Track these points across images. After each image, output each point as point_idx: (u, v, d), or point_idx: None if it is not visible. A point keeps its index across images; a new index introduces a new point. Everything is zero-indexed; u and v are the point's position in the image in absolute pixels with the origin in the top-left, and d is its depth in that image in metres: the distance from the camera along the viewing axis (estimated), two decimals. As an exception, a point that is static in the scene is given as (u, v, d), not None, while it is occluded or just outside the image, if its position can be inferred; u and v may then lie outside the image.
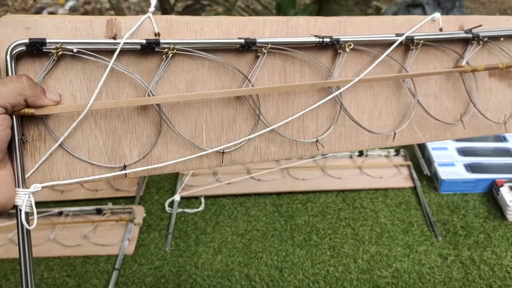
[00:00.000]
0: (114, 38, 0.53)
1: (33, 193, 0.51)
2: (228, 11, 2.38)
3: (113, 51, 0.52)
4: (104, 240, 1.18)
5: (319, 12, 2.28)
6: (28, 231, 0.53)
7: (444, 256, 1.09)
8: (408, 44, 0.66)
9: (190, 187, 1.33)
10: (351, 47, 0.62)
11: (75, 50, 0.51)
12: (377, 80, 0.66)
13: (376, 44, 0.65)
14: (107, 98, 0.55)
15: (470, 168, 1.29)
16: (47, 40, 0.50)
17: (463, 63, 0.69)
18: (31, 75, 0.50)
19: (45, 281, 1.10)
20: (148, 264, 1.12)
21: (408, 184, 1.32)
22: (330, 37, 0.61)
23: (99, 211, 1.25)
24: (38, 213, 1.32)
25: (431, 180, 1.32)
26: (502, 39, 0.72)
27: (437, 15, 0.67)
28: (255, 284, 1.06)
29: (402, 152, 1.42)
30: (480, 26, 0.69)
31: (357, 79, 0.61)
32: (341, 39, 0.61)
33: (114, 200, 1.32)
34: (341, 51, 0.62)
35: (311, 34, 0.61)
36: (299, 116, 0.63)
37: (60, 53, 0.51)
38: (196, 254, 1.14)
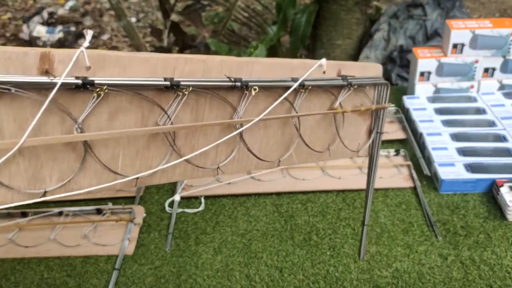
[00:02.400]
0: (47, 71, 0.53)
1: None
2: (228, 11, 2.38)
3: (47, 86, 0.52)
4: (104, 240, 1.18)
5: (319, 12, 2.28)
6: None
7: (444, 256, 1.09)
8: (299, 88, 0.77)
9: (190, 187, 1.33)
10: (256, 91, 0.71)
11: (13, 91, 0.51)
12: (272, 119, 0.76)
13: (276, 87, 0.74)
14: (33, 129, 0.54)
15: (470, 168, 1.29)
16: None
17: (337, 104, 0.84)
18: None
19: (45, 281, 1.10)
20: (148, 264, 1.12)
21: (408, 184, 1.32)
22: (241, 80, 0.69)
23: (99, 211, 1.25)
24: (38, 213, 1.33)
25: (431, 180, 1.32)
26: (367, 87, 0.89)
27: (323, 61, 0.79)
28: (255, 284, 1.06)
29: (402, 152, 1.42)
30: (353, 76, 0.84)
31: (257, 119, 0.71)
32: (249, 83, 0.70)
33: (114, 200, 1.32)
34: (247, 92, 0.71)
35: (225, 75, 0.68)
36: (201, 146, 0.70)
37: None
38: (196, 254, 1.14)
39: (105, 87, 0.56)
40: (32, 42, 3.79)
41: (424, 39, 2.18)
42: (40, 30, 3.79)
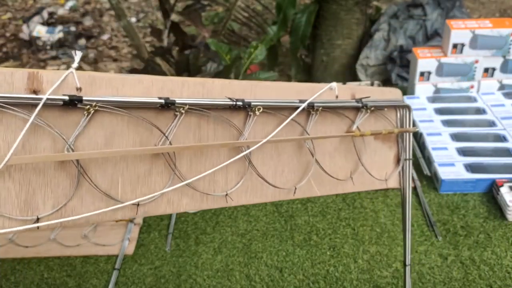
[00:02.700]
0: (35, 92, 0.52)
1: None
2: (228, 11, 2.38)
3: (34, 105, 0.52)
4: (104, 240, 1.19)
5: (319, 12, 2.28)
6: None
7: (444, 256, 1.09)
8: (309, 110, 0.73)
9: (190, 187, 1.33)
10: (260, 111, 0.67)
11: None
12: (282, 142, 0.73)
13: (282, 108, 0.71)
14: (24, 150, 0.53)
15: (470, 168, 1.29)
16: None
17: (354, 127, 0.79)
18: None
19: (45, 281, 1.10)
20: (148, 264, 1.12)
21: (408, 184, 1.31)
22: (243, 100, 0.66)
23: (99, 211, 1.25)
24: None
25: (431, 180, 1.32)
26: (385, 109, 0.83)
27: (333, 84, 0.75)
28: (255, 284, 1.06)
29: (402, 152, 1.42)
30: (368, 97, 0.78)
31: (265, 140, 0.66)
32: (252, 103, 0.66)
33: (114, 200, 1.32)
34: (252, 113, 0.68)
35: (226, 96, 0.65)
36: (208, 170, 0.65)
37: None
38: (196, 254, 1.14)
39: (94, 103, 0.55)
40: (32, 42, 3.80)
41: (424, 39, 2.18)
42: (40, 30, 3.80)
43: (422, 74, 1.63)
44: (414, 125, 0.86)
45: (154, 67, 1.80)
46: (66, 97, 0.53)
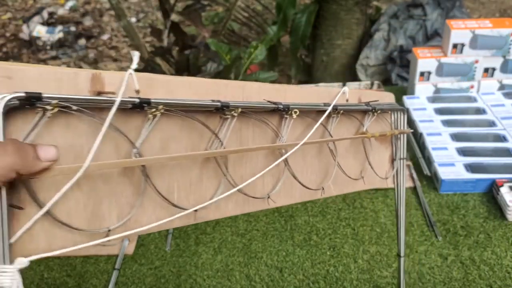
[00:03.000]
0: (99, 93, 0.50)
1: (19, 270, 0.43)
2: (228, 11, 2.38)
3: (101, 108, 0.49)
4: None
5: (319, 12, 2.28)
6: None
7: (444, 256, 1.09)
8: (331, 112, 0.76)
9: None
10: (297, 114, 0.70)
11: (74, 108, 0.47)
12: (314, 143, 0.76)
13: (311, 111, 0.74)
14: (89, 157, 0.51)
15: (470, 168, 1.29)
16: (44, 95, 0.45)
17: (364, 128, 0.84)
18: (18, 134, 0.44)
19: (45, 281, 1.10)
20: (148, 264, 1.12)
21: (408, 184, 1.32)
22: (281, 104, 0.67)
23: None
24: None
25: (431, 180, 1.32)
26: (389, 112, 0.91)
27: (346, 89, 0.79)
28: (255, 284, 1.06)
29: (402, 152, 1.42)
30: (377, 101, 0.84)
31: (302, 142, 0.68)
32: (290, 106, 0.69)
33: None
34: (288, 116, 0.70)
35: (264, 99, 0.66)
36: (249, 175, 0.66)
37: (56, 110, 0.46)
38: (196, 254, 1.14)
39: (160, 106, 0.53)
40: (32, 42, 3.80)
41: (424, 39, 2.18)
42: (40, 30, 3.80)
43: (422, 74, 1.64)
44: (408, 126, 0.94)
45: (154, 67, 1.80)
46: (137, 100, 0.51)
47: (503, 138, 1.40)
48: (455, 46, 1.59)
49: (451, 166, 1.30)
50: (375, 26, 2.29)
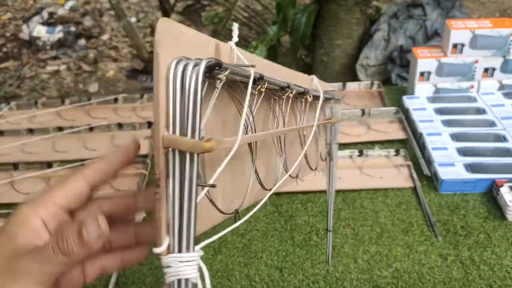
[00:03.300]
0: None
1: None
2: (228, 11, 2.38)
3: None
4: (104, 240, 1.18)
5: (319, 12, 2.28)
6: None
7: (444, 256, 1.09)
8: (307, 98, 0.77)
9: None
10: (311, 98, 0.73)
11: (238, 79, 0.44)
12: (308, 127, 0.77)
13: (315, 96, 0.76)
14: (231, 130, 0.48)
15: (470, 168, 1.29)
16: (223, 64, 0.40)
17: (327, 116, 0.90)
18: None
19: (45, 281, 1.10)
20: (148, 264, 1.12)
21: (408, 184, 1.32)
22: (308, 89, 0.70)
23: (99, 211, 1.25)
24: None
25: (431, 180, 1.32)
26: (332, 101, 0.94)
27: (314, 76, 0.81)
28: (255, 284, 1.06)
29: (402, 152, 1.42)
30: (334, 90, 0.88)
31: (319, 122, 0.73)
32: (309, 91, 0.71)
33: (114, 200, 1.32)
34: (303, 100, 0.73)
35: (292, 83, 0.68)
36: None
37: (224, 79, 0.41)
38: (196, 254, 1.14)
39: (266, 84, 0.53)
40: (32, 42, 3.79)
41: (424, 39, 2.18)
42: (40, 30, 3.79)
43: (422, 74, 1.64)
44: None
45: (154, 67, 1.80)
46: (258, 75, 0.49)
47: (503, 138, 1.40)
48: (455, 46, 1.59)
49: (451, 166, 1.30)
50: (375, 26, 2.29)
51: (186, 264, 0.36)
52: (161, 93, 0.36)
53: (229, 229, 0.45)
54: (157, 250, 0.36)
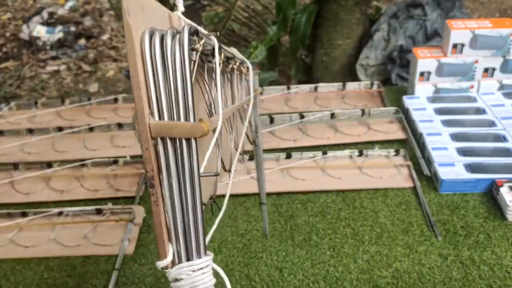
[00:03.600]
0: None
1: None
2: (228, 11, 2.38)
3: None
4: (104, 240, 1.18)
5: (319, 12, 2.28)
6: None
7: (444, 256, 1.09)
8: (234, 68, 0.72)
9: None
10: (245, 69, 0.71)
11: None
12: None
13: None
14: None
15: (470, 168, 1.29)
16: (201, 31, 0.38)
17: (252, 87, 0.85)
18: None
19: (45, 281, 1.10)
20: (148, 264, 1.12)
21: (408, 184, 1.32)
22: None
23: (99, 211, 1.25)
24: (38, 213, 1.31)
25: (431, 180, 1.32)
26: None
27: (233, 49, 0.78)
28: (255, 284, 1.06)
29: (402, 152, 1.42)
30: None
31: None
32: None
33: (114, 200, 1.32)
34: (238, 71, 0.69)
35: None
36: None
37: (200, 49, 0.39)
38: (196, 254, 1.14)
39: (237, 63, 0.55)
40: (32, 42, 3.79)
41: (424, 39, 2.18)
42: (40, 30, 3.79)
43: (422, 74, 1.63)
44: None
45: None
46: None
47: (503, 138, 1.40)
48: (455, 46, 1.59)
49: (451, 166, 1.30)
50: (375, 26, 2.28)
51: (200, 272, 0.31)
52: (139, 73, 0.31)
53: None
54: (160, 264, 0.31)
